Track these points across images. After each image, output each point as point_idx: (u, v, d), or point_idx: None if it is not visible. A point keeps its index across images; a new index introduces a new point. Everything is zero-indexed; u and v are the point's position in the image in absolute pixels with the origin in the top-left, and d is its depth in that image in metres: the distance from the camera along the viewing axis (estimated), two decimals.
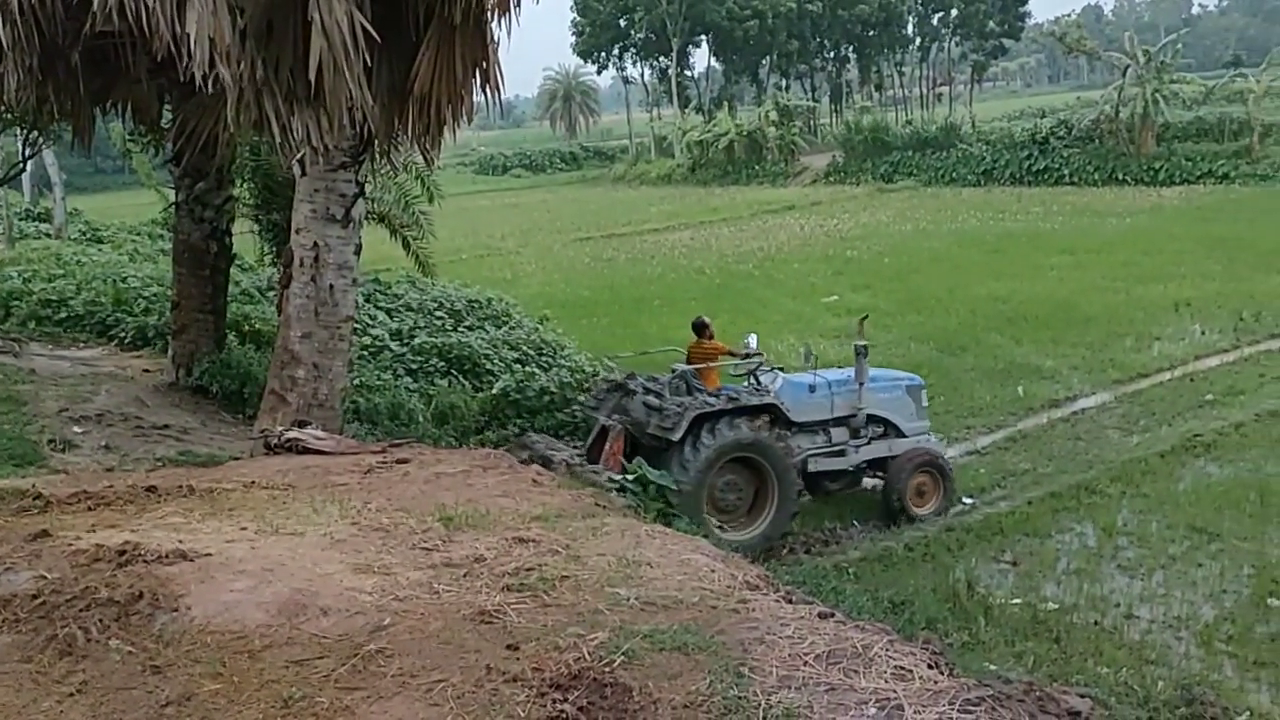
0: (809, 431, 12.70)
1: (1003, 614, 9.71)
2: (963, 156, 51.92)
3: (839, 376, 13.11)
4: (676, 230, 41.71)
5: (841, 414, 12.85)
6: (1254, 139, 44.08)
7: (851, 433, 12.91)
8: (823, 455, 12.79)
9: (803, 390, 12.76)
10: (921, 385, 13.69)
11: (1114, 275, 25.54)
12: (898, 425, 13.12)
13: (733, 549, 10.56)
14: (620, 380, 12.55)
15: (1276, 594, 9.82)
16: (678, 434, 11.34)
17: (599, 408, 12.38)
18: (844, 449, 12.87)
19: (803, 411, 12.57)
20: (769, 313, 24.28)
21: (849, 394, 12.86)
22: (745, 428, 11.68)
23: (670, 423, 11.43)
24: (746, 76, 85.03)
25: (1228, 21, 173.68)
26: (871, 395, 12.97)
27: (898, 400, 13.24)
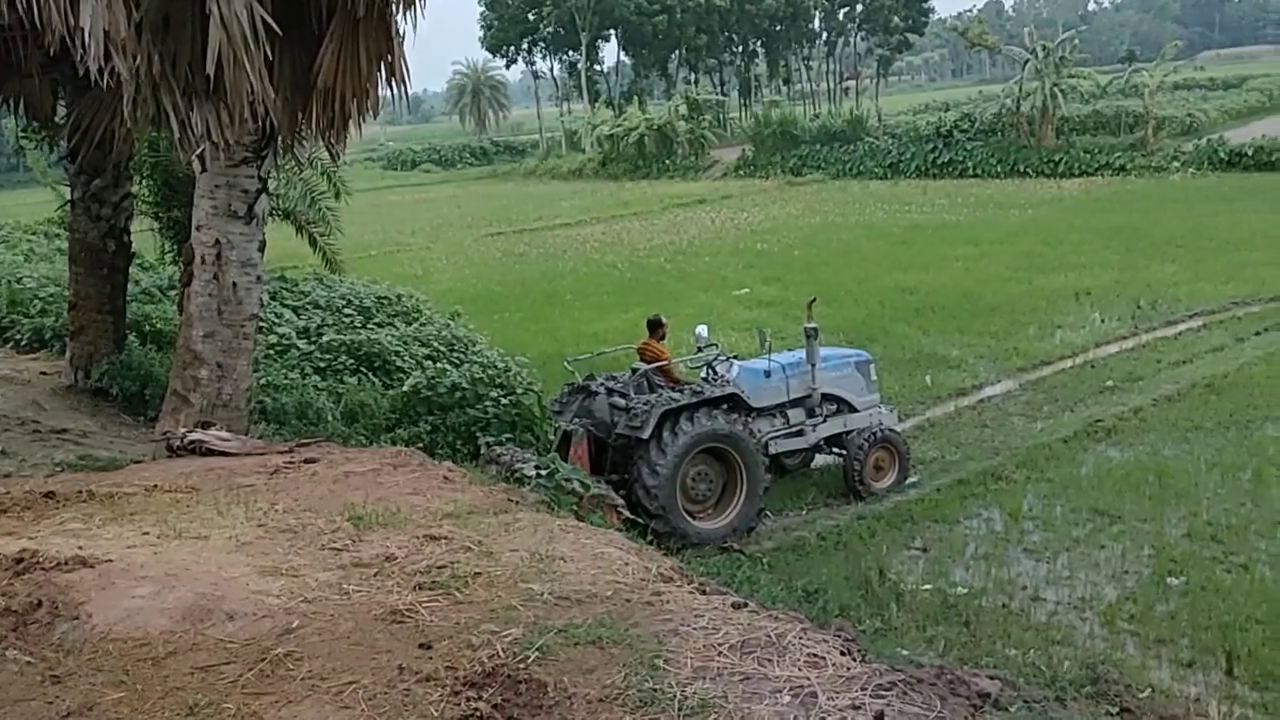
0: (767, 415, 13.03)
1: (914, 599, 9.86)
2: (869, 150, 52.61)
3: (792, 359, 13.48)
4: (588, 225, 41.66)
5: (797, 396, 13.25)
6: (1148, 132, 45.37)
7: (807, 412, 13.30)
8: (782, 437, 13.14)
9: (759, 376, 13.12)
10: (870, 360, 14.15)
11: (1017, 265, 26.10)
12: (850, 401, 13.54)
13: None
14: (582, 383, 12.69)
15: (1175, 573, 10.12)
16: (647, 431, 11.52)
17: (563, 412, 12.43)
18: (802, 429, 13.24)
19: (760, 396, 12.89)
20: (681, 306, 24.33)
21: (803, 376, 13.26)
22: (714, 419, 11.90)
23: (639, 421, 11.61)
24: (656, 71, 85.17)
25: (1122, 18, 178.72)
26: (824, 375, 13.37)
27: (848, 377, 13.69)
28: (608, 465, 12.02)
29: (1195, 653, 8.71)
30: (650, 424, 11.57)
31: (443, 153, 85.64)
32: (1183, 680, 8.35)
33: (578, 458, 11.72)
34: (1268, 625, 8.94)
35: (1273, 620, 9.02)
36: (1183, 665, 8.58)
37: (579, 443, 11.88)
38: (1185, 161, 42.50)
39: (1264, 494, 11.86)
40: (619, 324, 22.77)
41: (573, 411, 12.38)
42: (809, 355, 13.25)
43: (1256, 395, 15.24)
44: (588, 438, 11.97)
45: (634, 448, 11.70)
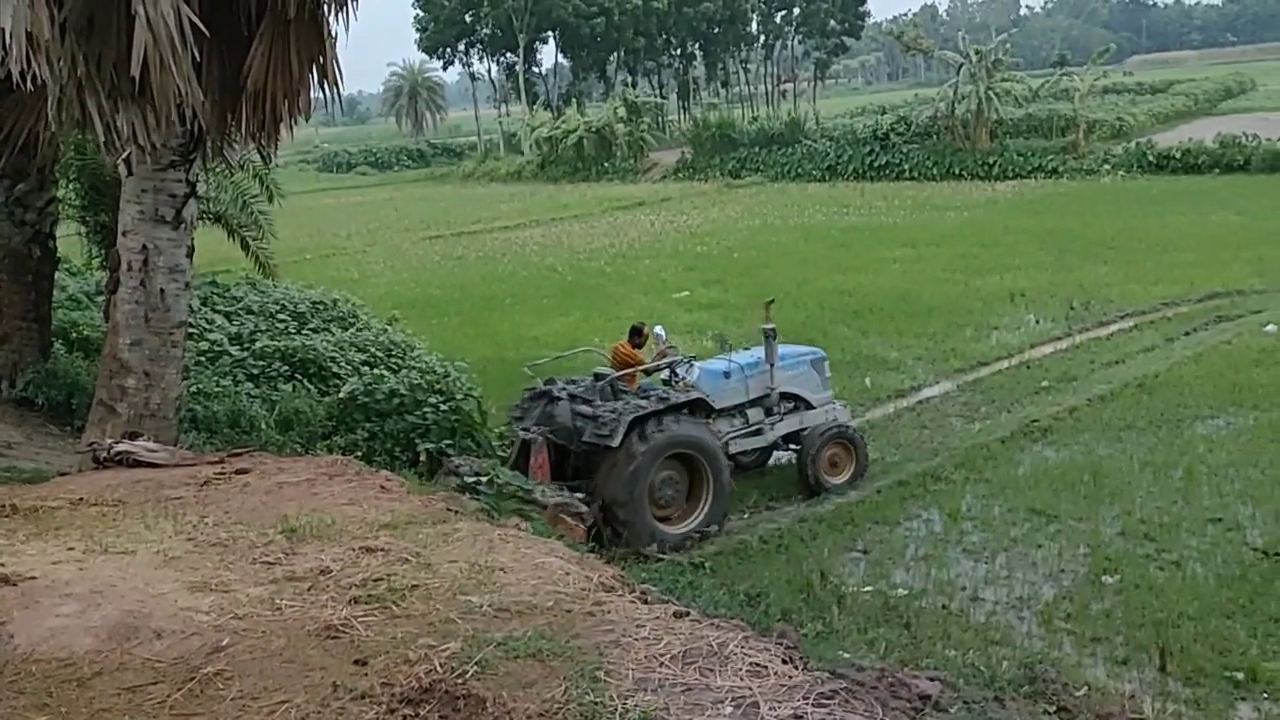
0: (727, 415, 13.15)
1: (855, 602, 9.87)
2: (808, 152, 52.92)
3: (750, 359, 13.57)
4: (527, 228, 41.48)
5: (756, 395, 13.38)
6: (1079, 135, 46.14)
7: (766, 411, 13.44)
8: (741, 436, 13.26)
9: (718, 377, 13.18)
10: (824, 358, 14.37)
11: (953, 267, 26.37)
12: (806, 399, 13.70)
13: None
14: (543, 389, 12.54)
15: (1109, 571, 10.24)
16: (616, 439, 11.44)
17: (523, 418, 12.33)
18: (761, 428, 13.39)
19: (720, 397, 13.01)
20: (621, 309, 24.29)
21: (761, 375, 13.38)
22: (681, 424, 11.97)
23: (607, 429, 11.52)
24: (594, 73, 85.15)
25: (1053, 23, 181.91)
26: (781, 374, 13.50)
27: (804, 375, 13.84)
28: (570, 472, 11.97)
29: (1130, 650, 8.82)
30: (619, 432, 11.48)
31: (379, 155, 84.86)
32: (1118, 677, 8.44)
33: (538, 467, 11.67)
34: (1199, 621, 9.08)
35: (1204, 616, 9.16)
36: (1118, 663, 8.68)
37: (539, 451, 11.78)
38: (1115, 164, 43.26)
39: (1194, 492, 12.06)
40: (560, 327, 22.70)
41: (534, 418, 12.22)
42: (767, 355, 13.36)
43: (1186, 394, 15.51)
44: (547, 445, 11.86)
45: (601, 455, 11.64)
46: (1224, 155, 40.48)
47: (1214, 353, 17.54)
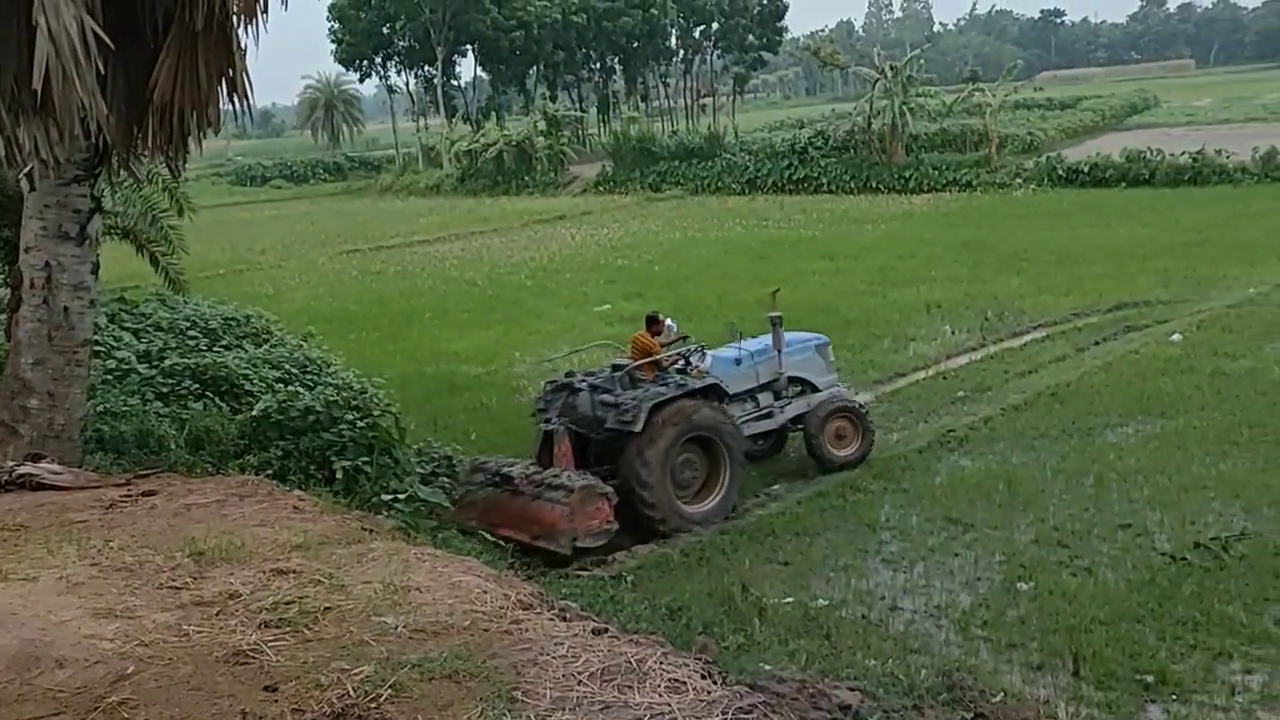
0: (739, 400, 13.89)
1: (776, 614, 9.91)
2: (727, 166, 53.26)
3: (758, 346, 14.32)
4: (447, 241, 41.19)
5: (766, 380, 14.19)
6: (992, 149, 47.04)
7: (775, 396, 14.25)
8: (753, 420, 13.95)
9: (730, 364, 13.92)
10: (827, 342, 15.33)
11: (871, 279, 26.69)
12: (812, 382, 14.52)
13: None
14: (564, 381, 13.19)
15: (1024, 578, 10.41)
16: (639, 425, 12.09)
17: (547, 409, 12.99)
18: (771, 411, 14.14)
19: (732, 383, 13.72)
20: (542, 323, 24.27)
21: (770, 361, 14.19)
22: (699, 410, 12.65)
23: (629, 416, 12.17)
24: (514, 86, 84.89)
25: (965, 39, 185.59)
26: (788, 359, 14.33)
27: (810, 360, 14.70)
28: (591, 459, 12.69)
29: (1044, 655, 8.96)
30: (641, 418, 12.11)
31: (295, 168, 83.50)
32: (1033, 683, 8.57)
33: (563, 455, 12.39)
34: (1110, 626, 9.26)
35: (1115, 621, 9.35)
36: (1032, 668, 8.82)
37: (561, 440, 12.48)
38: (1027, 178, 44.12)
39: (1105, 498, 12.32)
40: (480, 341, 22.57)
41: (556, 409, 12.86)
42: (775, 342, 14.12)
43: (1096, 403, 15.86)
44: (570, 436, 12.55)
45: (624, 441, 12.27)
46: (1130, 169, 41.51)
47: (1122, 362, 17.96)
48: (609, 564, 11.52)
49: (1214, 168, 39.69)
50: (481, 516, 11.91)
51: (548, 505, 11.71)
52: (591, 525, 11.56)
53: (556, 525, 11.52)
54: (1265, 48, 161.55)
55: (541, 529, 11.66)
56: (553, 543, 11.53)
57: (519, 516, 11.89)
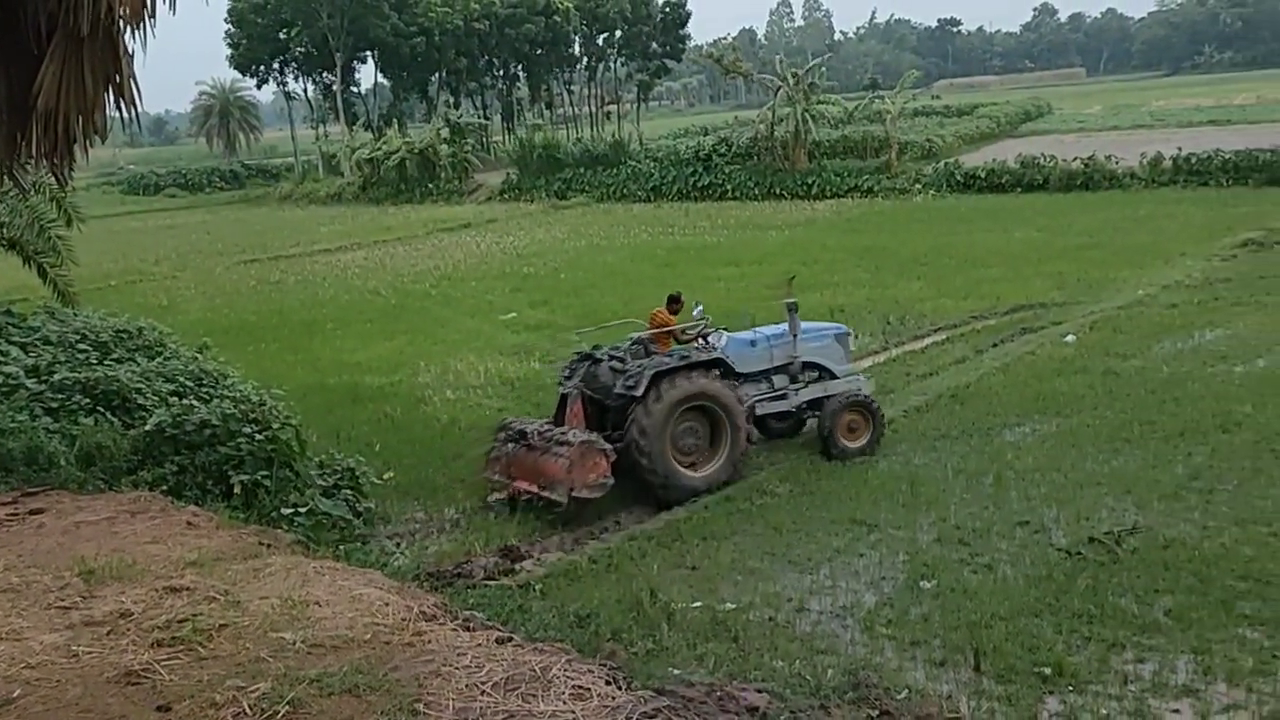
0: (753, 380, 14.63)
1: (684, 618, 9.90)
2: (632, 173, 53.40)
3: (775, 331, 15.07)
4: (349, 250, 40.63)
5: (780, 363, 14.87)
6: (892, 155, 47.86)
7: (790, 378, 14.92)
8: (767, 400, 14.73)
9: (745, 345, 14.71)
10: (848, 333, 16.06)
11: (776, 285, 26.90)
12: (830, 369, 15.13)
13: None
14: (588, 352, 14.22)
15: (927, 577, 10.56)
16: (640, 390, 12.93)
17: (571, 377, 13.99)
18: (785, 393, 14.84)
19: (747, 363, 14.50)
20: (448, 332, 24.05)
21: (785, 345, 14.87)
22: (698, 379, 13.36)
23: (633, 381, 13.08)
24: (416, 93, 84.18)
25: (865, 48, 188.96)
26: (804, 345, 14.99)
27: (828, 347, 15.29)
28: (610, 424, 13.47)
29: (946, 652, 9.09)
30: (643, 383, 12.96)
31: (189, 176, 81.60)
32: (936, 679, 8.69)
33: (574, 415, 13.45)
34: (1010, 621, 9.44)
35: (1014, 616, 9.53)
36: (935, 664, 8.94)
37: (574, 402, 13.54)
38: (926, 184, 44.94)
39: (1003, 497, 12.57)
40: (384, 351, 22.30)
41: (579, 377, 13.86)
42: (790, 326, 14.83)
43: (995, 404, 16.19)
44: (582, 398, 13.53)
45: (629, 406, 13.06)
46: (1025, 175, 42.55)
47: (1020, 363, 18.37)
48: (517, 573, 11.42)
49: (1104, 173, 40.89)
50: (504, 470, 13.48)
51: (553, 459, 12.84)
52: (589, 478, 12.62)
53: (557, 477, 12.66)
54: (1151, 57, 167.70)
55: (546, 480, 12.86)
56: (555, 492, 12.71)
57: (531, 469, 13.14)
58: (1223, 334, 19.22)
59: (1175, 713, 8.07)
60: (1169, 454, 13.50)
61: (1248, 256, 26.30)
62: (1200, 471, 12.83)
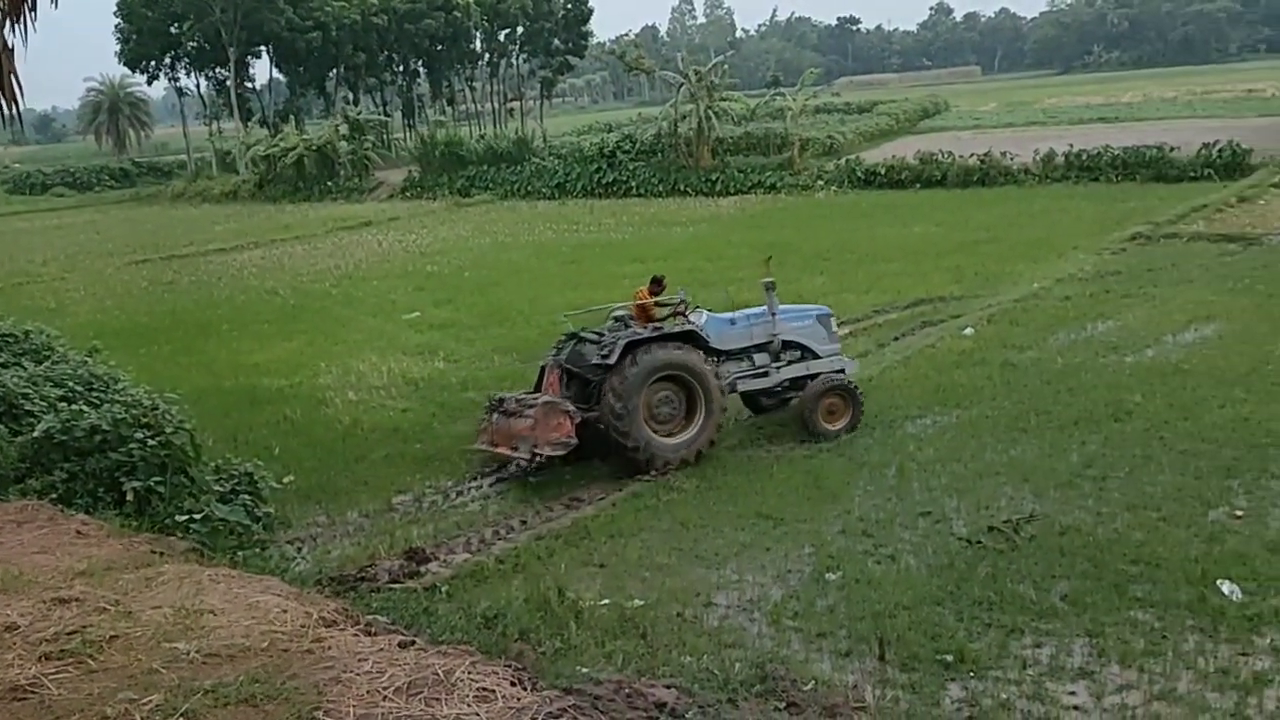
0: (735, 359, 15.21)
1: (592, 616, 9.87)
2: (536, 170, 53.17)
3: (755, 310, 15.66)
4: (245, 250, 39.78)
5: (760, 341, 15.38)
6: (794, 152, 48.33)
7: (771, 356, 15.42)
8: (749, 377, 15.32)
9: (725, 324, 15.26)
10: (829, 314, 16.40)
11: (681, 281, 26.74)
12: (812, 349, 15.60)
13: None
14: (575, 332, 14.92)
15: (832, 568, 10.68)
16: (614, 358, 13.66)
17: (559, 354, 14.69)
18: (766, 371, 15.38)
19: (726, 341, 15.07)
20: (349, 332, 23.69)
21: (764, 324, 15.41)
22: (669, 350, 13.99)
23: (607, 351, 13.77)
24: (313, 89, 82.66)
25: (767, 45, 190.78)
26: (785, 324, 15.50)
27: (809, 328, 15.75)
28: (592, 399, 14.08)
29: (851, 642, 9.21)
30: (616, 353, 13.64)
31: (78, 175, 79.12)
32: (842, 669, 8.79)
33: (549, 385, 14.24)
34: (913, 610, 9.59)
35: (917, 605, 9.69)
36: (841, 655, 9.05)
37: (550, 371, 14.37)
38: (828, 180, 45.48)
39: (906, 488, 12.76)
40: (282, 353, 21.87)
41: (565, 354, 14.60)
42: (769, 306, 15.34)
43: (897, 396, 16.44)
44: (559, 369, 14.34)
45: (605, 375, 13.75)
46: (924, 171, 43.31)
47: (920, 356, 18.68)
48: (422, 576, 11.26)
49: (1000, 169, 41.80)
50: (489, 439, 14.34)
51: (520, 420, 13.77)
52: (552, 436, 13.48)
53: (523, 434, 13.55)
54: (1043, 55, 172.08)
55: (516, 441, 13.73)
56: (521, 449, 13.54)
57: (506, 433, 14.00)
58: (1114, 325, 19.78)
59: (1072, 694, 8.28)
60: (1064, 443, 13.85)
61: (1136, 250, 27.10)
62: (1094, 459, 13.19)
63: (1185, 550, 10.47)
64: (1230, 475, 12.35)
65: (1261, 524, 11.08)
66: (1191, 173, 37.92)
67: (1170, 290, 22.10)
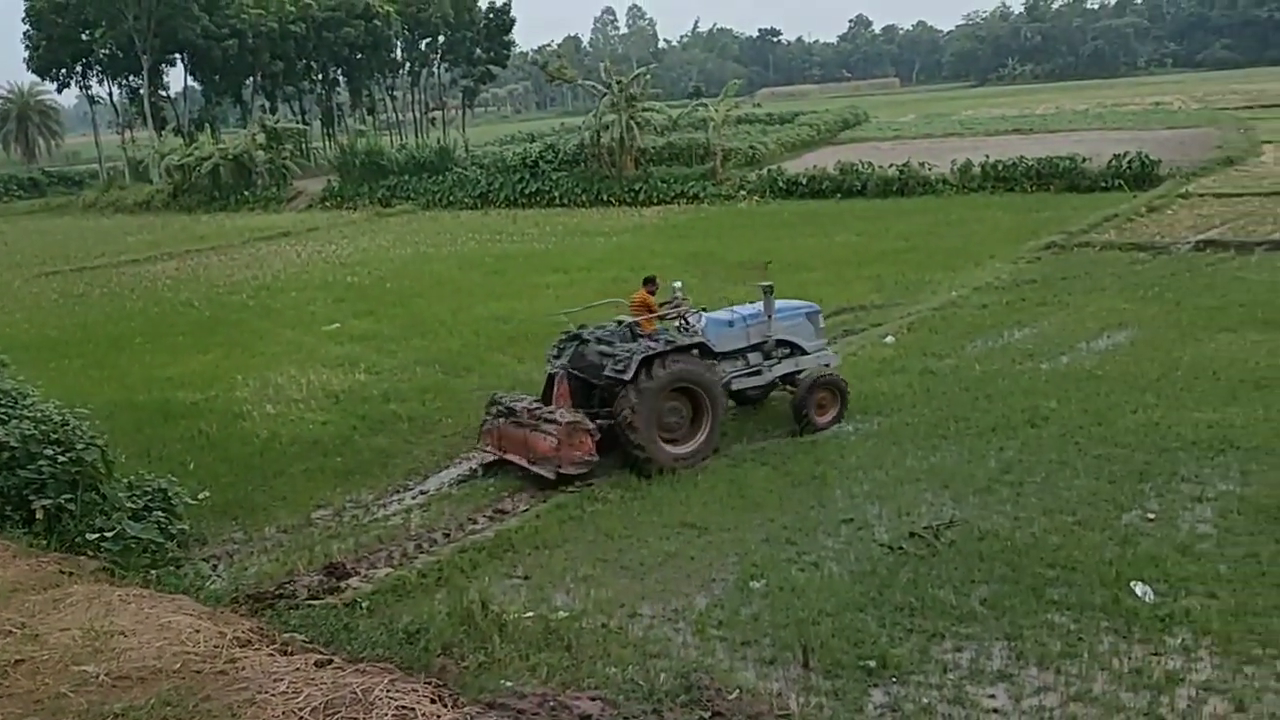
0: (730, 358, 15.65)
1: (517, 629, 9.78)
2: (459, 180, 52.79)
3: (751, 311, 16.07)
4: (159, 261, 38.96)
5: (755, 342, 15.90)
6: (717, 162, 48.57)
7: (764, 355, 15.96)
8: (743, 376, 15.79)
9: (723, 326, 15.73)
10: (818, 311, 16.93)
11: (605, 291, 26.80)
12: (801, 346, 16.20)
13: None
14: (575, 333, 15.20)
15: (757, 577, 10.73)
16: (630, 374, 13.92)
17: (559, 356, 15.06)
18: (759, 369, 15.91)
19: (724, 342, 15.50)
20: (267, 344, 23.29)
21: (760, 325, 15.89)
22: (683, 363, 14.44)
23: (622, 365, 14.05)
24: (229, 98, 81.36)
25: (689, 56, 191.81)
26: (778, 324, 16.00)
27: (799, 326, 16.36)
28: (597, 402, 14.59)
29: (776, 650, 9.25)
30: (632, 368, 13.94)
31: None
32: (766, 677, 8.83)
33: (561, 395, 14.61)
34: (836, 617, 9.67)
35: (840, 612, 9.77)
36: (766, 663, 9.08)
37: (560, 382, 14.68)
38: (751, 190, 45.72)
39: (828, 496, 12.87)
40: (198, 366, 21.44)
41: (566, 356, 14.90)
42: (766, 308, 15.78)
43: None
44: (568, 378, 14.65)
45: (619, 388, 14.04)
46: (844, 181, 43.73)
47: (842, 364, 18.80)
48: (342, 591, 11.09)
49: (918, 179, 42.34)
50: (494, 442, 14.79)
51: (542, 436, 13.99)
52: (575, 455, 13.76)
53: (546, 453, 13.80)
54: (959, 67, 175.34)
55: (536, 456, 14.00)
56: (543, 468, 13.80)
57: (521, 444, 14.30)
58: (1030, 333, 20.16)
59: (991, 697, 8.40)
60: (982, 449, 14.07)
61: (1051, 259, 27.63)
62: (1011, 465, 13.41)
63: (1100, 553, 10.68)
64: (1142, 479, 12.64)
65: (1173, 526, 11.35)
66: (1103, 183, 38.76)
67: (1084, 298, 22.59)
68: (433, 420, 17.10)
